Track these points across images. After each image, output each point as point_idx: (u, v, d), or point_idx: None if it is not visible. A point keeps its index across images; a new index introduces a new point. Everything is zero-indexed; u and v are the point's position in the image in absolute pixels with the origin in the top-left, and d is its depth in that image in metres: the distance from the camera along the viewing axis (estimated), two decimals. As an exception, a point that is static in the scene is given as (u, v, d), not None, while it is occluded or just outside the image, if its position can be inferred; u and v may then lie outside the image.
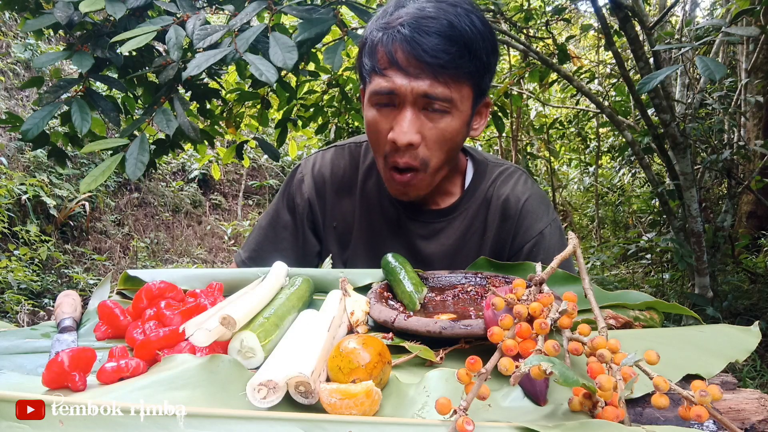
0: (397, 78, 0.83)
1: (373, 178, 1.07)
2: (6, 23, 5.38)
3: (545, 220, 1.00)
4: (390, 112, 0.87)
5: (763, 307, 3.43)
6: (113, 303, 0.73)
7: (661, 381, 0.46)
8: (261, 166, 7.51)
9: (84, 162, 5.44)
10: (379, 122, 0.88)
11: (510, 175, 1.05)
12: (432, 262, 1.03)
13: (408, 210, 1.04)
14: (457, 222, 1.03)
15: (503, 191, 1.02)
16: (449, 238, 1.03)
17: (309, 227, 1.09)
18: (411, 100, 0.84)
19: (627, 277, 4.82)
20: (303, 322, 0.68)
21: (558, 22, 3.70)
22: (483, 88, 0.91)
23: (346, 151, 1.10)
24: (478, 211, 1.03)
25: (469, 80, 0.86)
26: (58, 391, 0.53)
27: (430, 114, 0.86)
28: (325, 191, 1.08)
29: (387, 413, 0.52)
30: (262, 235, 1.12)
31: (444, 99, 0.84)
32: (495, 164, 1.07)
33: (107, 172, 1.32)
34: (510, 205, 1.01)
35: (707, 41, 2.20)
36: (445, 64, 0.82)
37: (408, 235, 1.04)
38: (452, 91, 0.84)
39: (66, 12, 1.40)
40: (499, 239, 1.02)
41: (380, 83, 0.85)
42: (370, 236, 1.07)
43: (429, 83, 0.83)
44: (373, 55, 0.86)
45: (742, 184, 3.47)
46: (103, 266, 5.06)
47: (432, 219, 1.04)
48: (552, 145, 5.45)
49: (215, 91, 2.06)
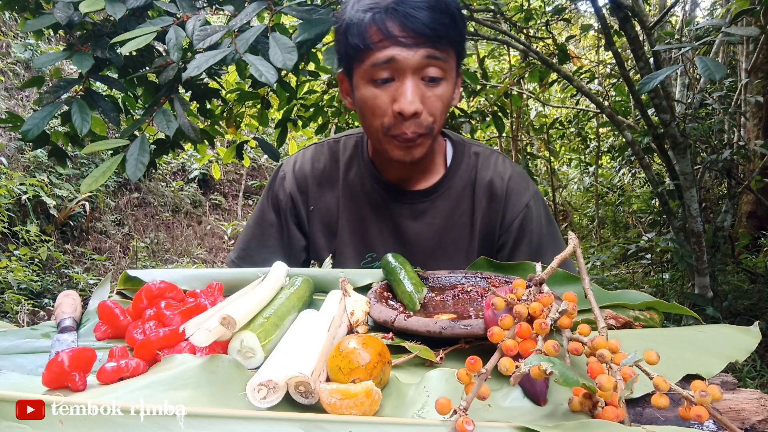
0: (396, 50, 0.87)
1: (354, 168, 1.11)
2: (6, 23, 5.38)
3: (528, 193, 1.07)
4: (389, 87, 0.90)
5: (763, 307, 3.43)
6: (113, 303, 0.74)
7: (661, 381, 0.46)
8: (261, 166, 7.51)
9: (84, 162, 5.44)
10: (378, 96, 0.91)
11: (488, 158, 1.10)
12: (419, 242, 1.07)
13: (392, 192, 1.08)
14: (440, 201, 1.07)
15: (486, 174, 1.08)
16: (435, 218, 1.07)
17: (293, 222, 1.13)
18: (411, 70, 0.88)
19: (627, 277, 4.82)
20: (303, 322, 0.68)
21: (558, 22, 3.70)
22: (462, 56, 0.97)
23: (325, 147, 1.15)
24: (463, 193, 1.08)
25: (455, 48, 0.92)
26: (58, 391, 0.53)
27: (427, 83, 0.90)
28: (307, 185, 1.12)
29: (387, 413, 0.52)
30: (249, 234, 1.16)
31: (440, 67, 0.89)
32: (471, 144, 1.13)
33: (108, 173, 1.32)
34: (495, 186, 1.07)
35: (707, 41, 2.20)
36: (441, 34, 0.87)
37: (393, 217, 1.08)
38: (446, 59, 0.90)
39: (66, 12, 1.40)
40: (489, 220, 1.07)
41: (378, 56, 0.88)
42: (356, 223, 1.10)
43: (427, 52, 0.87)
44: (363, 34, 0.88)
45: (742, 184, 3.47)
46: (103, 266, 5.06)
47: (416, 199, 1.07)
48: (552, 145, 5.44)
49: (215, 91, 2.06)
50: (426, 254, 1.08)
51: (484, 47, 4.70)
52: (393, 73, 0.89)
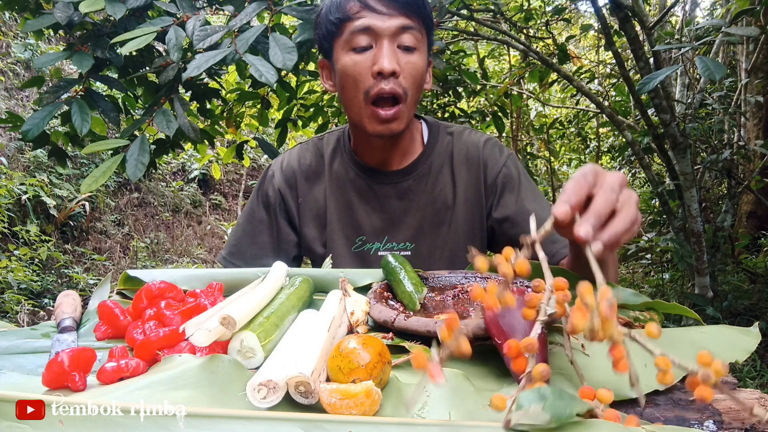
0: (373, 18, 0.96)
1: (338, 158, 1.18)
2: (6, 23, 5.38)
3: (504, 155, 1.15)
4: (368, 53, 0.98)
5: (763, 307, 3.43)
6: (113, 303, 0.73)
7: (662, 360, 0.46)
8: (261, 166, 7.51)
9: (84, 162, 5.44)
10: (358, 62, 0.98)
11: (461, 133, 1.18)
12: (405, 220, 1.13)
13: (374, 175, 1.14)
14: (421, 179, 1.14)
15: (461, 144, 1.16)
16: (418, 194, 1.13)
17: (283, 217, 1.18)
18: (388, 37, 0.97)
19: (627, 277, 4.82)
20: (303, 322, 0.68)
21: (558, 22, 3.70)
22: (430, 42, 1.06)
23: (310, 144, 1.22)
24: (442, 169, 1.15)
25: (424, 25, 1.01)
26: (58, 391, 0.53)
27: (403, 51, 0.98)
28: (295, 180, 1.18)
29: (387, 413, 0.52)
30: (240, 231, 1.20)
31: (414, 36, 0.98)
32: (446, 126, 1.20)
33: (108, 173, 1.32)
34: (471, 154, 1.14)
35: (707, 41, 2.20)
36: (413, 8, 0.97)
37: (380, 199, 1.14)
38: (419, 30, 0.99)
39: (66, 12, 1.40)
40: (472, 188, 1.13)
41: (357, 24, 0.97)
42: (343, 210, 1.15)
43: (402, 22, 0.97)
44: (342, 8, 0.98)
45: (742, 184, 3.47)
46: (103, 266, 5.06)
47: (398, 179, 1.13)
48: (552, 145, 5.44)
49: (215, 91, 2.06)
50: (413, 230, 1.13)
51: (484, 47, 4.70)
52: (371, 40, 0.97)
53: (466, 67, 3.32)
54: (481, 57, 4.42)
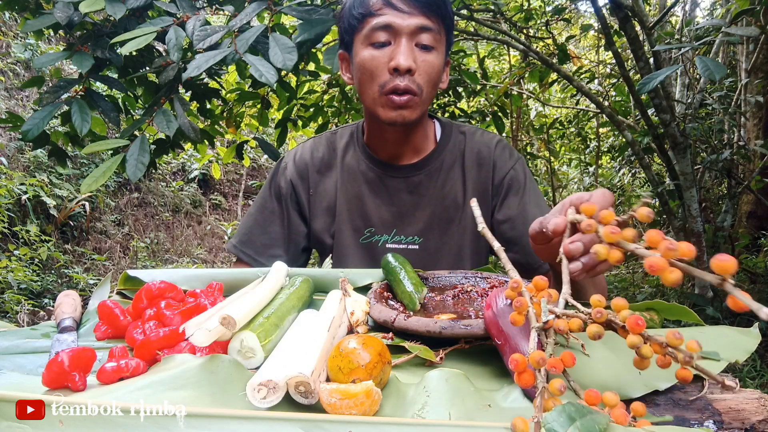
0: (393, 16, 0.98)
1: (351, 151, 1.19)
2: (6, 23, 5.38)
3: (513, 158, 1.17)
4: (386, 49, 1.00)
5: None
6: (113, 303, 0.73)
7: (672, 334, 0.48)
8: (261, 166, 7.51)
9: (84, 162, 5.44)
10: (376, 57, 1.00)
11: (473, 133, 1.20)
12: (415, 214, 1.14)
13: (386, 169, 1.15)
14: (432, 175, 1.15)
15: (474, 144, 1.17)
16: (428, 190, 1.15)
17: (294, 208, 1.19)
18: (407, 35, 0.98)
19: (627, 277, 4.82)
20: (303, 322, 0.68)
21: (558, 22, 3.70)
22: (450, 42, 1.07)
23: (323, 138, 1.24)
24: (453, 167, 1.16)
25: (444, 25, 1.03)
26: (58, 391, 0.53)
27: (420, 49, 1.00)
28: (307, 172, 1.19)
29: (387, 413, 0.52)
30: (251, 220, 1.20)
31: (433, 36, 1.00)
32: (457, 124, 1.22)
33: (108, 173, 1.32)
34: (483, 154, 1.16)
35: (707, 41, 2.20)
36: (434, 8, 0.99)
37: (390, 192, 1.15)
38: (438, 32, 1.01)
39: (66, 12, 1.40)
40: (481, 186, 1.15)
41: (378, 20, 0.99)
42: (353, 201, 1.16)
43: (421, 22, 0.99)
44: (365, 4, 1.00)
45: (742, 184, 3.47)
46: (103, 266, 5.06)
47: (409, 173, 1.15)
48: (552, 145, 5.44)
49: (215, 91, 2.06)
50: (422, 225, 1.14)
51: (484, 47, 4.70)
52: (390, 37, 0.99)
53: (466, 67, 3.33)
54: (481, 57, 4.42)
